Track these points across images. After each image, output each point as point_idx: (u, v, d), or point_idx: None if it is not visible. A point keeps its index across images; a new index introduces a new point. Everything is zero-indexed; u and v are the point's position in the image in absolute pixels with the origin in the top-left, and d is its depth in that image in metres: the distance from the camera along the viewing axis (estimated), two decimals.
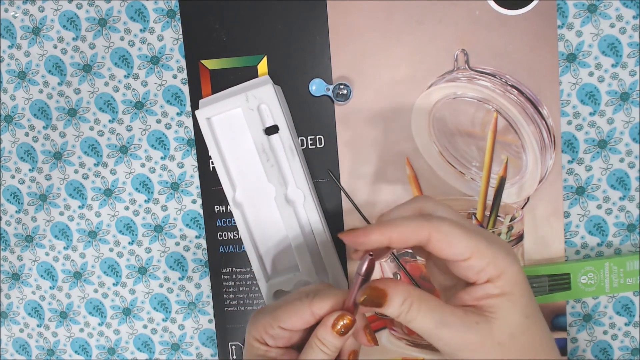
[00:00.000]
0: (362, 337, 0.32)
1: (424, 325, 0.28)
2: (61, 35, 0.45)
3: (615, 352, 0.44)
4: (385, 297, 0.28)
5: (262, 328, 0.32)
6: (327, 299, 0.31)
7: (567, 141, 0.42)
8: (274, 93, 0.40)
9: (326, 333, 0.30)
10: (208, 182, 0.44)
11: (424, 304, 0.28)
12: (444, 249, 0.29)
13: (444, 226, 0.29)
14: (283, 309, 0.32)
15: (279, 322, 0.32)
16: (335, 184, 0.43)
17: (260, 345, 0.33)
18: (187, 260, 0.46)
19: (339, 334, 0.30)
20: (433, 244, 0.29)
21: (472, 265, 0.28)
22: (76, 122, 0.46)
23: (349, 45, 0.42)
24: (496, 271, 0.28)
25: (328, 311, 0.31)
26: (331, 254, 0.42)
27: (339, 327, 0.30)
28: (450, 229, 0.28)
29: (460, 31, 0.41)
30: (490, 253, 0.28)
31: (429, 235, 0.29)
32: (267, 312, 0.33)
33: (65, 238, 0.47)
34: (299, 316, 0.31)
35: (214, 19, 0.43)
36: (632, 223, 0.42)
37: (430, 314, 0.28)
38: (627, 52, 0.41)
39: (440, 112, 0.42)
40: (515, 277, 0.28)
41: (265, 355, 0.33)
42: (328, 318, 0.31)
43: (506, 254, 0.29)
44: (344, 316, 0.30)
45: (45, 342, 0.49)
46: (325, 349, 0.30)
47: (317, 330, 0.31)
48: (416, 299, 0.28)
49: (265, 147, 0.40)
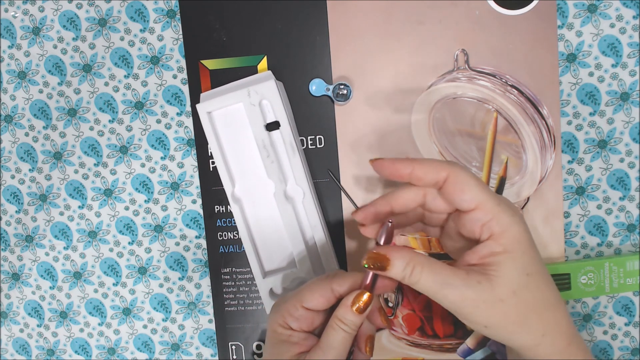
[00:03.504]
0: (377, 319, 0.34)
1: (427, 286, 0.30)
2: (61, 35, 0.45)
3: (615, 352, 0.44)
4: (388, 262, 0.30)
5: (285, 312, 0.34)
6: (346, 276, 0.33)
7: (567, 141, 0.42)
8: (276, 89, 0.40)
9: (346, 312, 0.32)
10: (208, 182, 0.44)
11: (426, 267, 0.30)
12: (455, 193, 0.31)
13: (462, 173, 0.31)
14: (305, 289, 0.34)
15: (302, 302, 0.33)
16: (335, 184, 0.43)
17: (283, 330, 0.34)
18: (187, 260, 0.46)
19: (358, 311, 0.32)
20: (447, 186, 0.31)
21: (477, 218, 0.30)
22: (76, 122, 0.46)
23: (349, 45, 0.42)
24: (499, 228, 0.30)
25: (347, 289, 0.33)
26: (328, 251, 0.42)
27: (359, 304, 0.32)
28: (466, 177, 0.31)
29: (460, 31, 0.41)
30: (496, 210, 0.30)
31: (447, 177, 0.31)
32: (290, 296, 0.34)
33: (65, 238, 0.47)
34: (320, 294, 0.33)
35: (214, 19, 0.43)
36: (632, 223, 0.42)
37: (433, 276, 0.30)
38: (627, 52, 0.41)
39: (440, 112, 0.42)
40: (518, 236, 0.30)
41: (289, 339, 0.34)
42: (347, 298, 0.32)
43: (512, 214, 0.30)
44: (362, 294, 0.32)
45: (45, 342, 0.49)
46: (345, 327, 0.32)
47: (336, 310, 0.32)
48: (418, 262, 0.30)
49: (265, 142, 0.40)
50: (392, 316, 0.43)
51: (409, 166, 0.32)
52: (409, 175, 0.32)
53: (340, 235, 0.43)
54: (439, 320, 0.43)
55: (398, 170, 0.33)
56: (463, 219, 0.31)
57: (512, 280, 0.29)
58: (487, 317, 0.29)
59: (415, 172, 0.32)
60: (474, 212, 0.30)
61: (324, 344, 0.32)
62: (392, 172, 0.33)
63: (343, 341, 0.32)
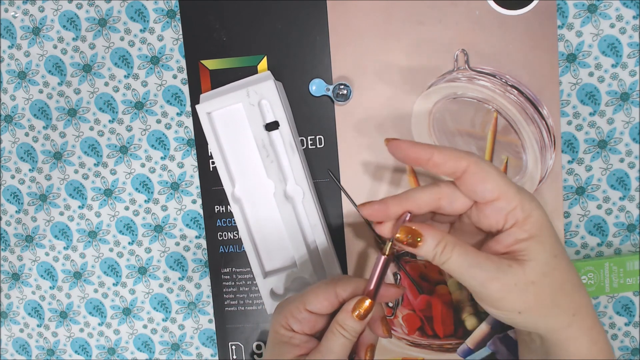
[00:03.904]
0: (378, 328, 0.34)
1: (457, 265, 0.30)
2: (61, 36, 0.45)
3: (615, 352, 0.44)
4: (422, 237, 0.30)
5: (289, 313, 0.34)
6: (350, 281, 0.33)
7: (567, 141, 0.42)
8: (275, 89, 0.40)
9: (346, 318, 0.32)
10: (208, 182, 0.44)
11: (457, 247, 0.30)
12: (477, 184, 0.30)
13: (483, 163, 0.30)
14: (309, 292, 0.34)
15: (305, 305, 0.33)
16: (335, 184, 0.43)
17: (286, 331, 0.34)
18: (187, 260, 0.46)
19: (359, 317, 0.32)
20: (467, 177, 0.30)
21: (501, 207, 0.30)
22: (76, 122, 0.46)
23: (349, 45, 0.42)
24: (523, 214, 0.30)
25: (351, 293, 0.33)
26: (329, 251, 0.42)
27: (358, 311, 0.32)
28: (487, 167, 0.30)
29: (460, 31, 0.41)
30: (518, 197, 0.30)
31: (467, 167, 0.30)
32: (293, 298, 0.34)
33: (65, 238, 0.47)
34: (324, 297, 0.33)
35: (214, 19, 0.43)
36: (632, 223, 0.42)
37: (464, 256, 0.30)
38: (627, 52, 0.41)
39: (440, 112, 0.42)
40: (541, 220, 0.30)
41: (290, 341, 0.34)
42: (348, 303, 0.32)
43: (531, 199, 0.30)
44: (363, 300, 0.32)
45: (45, 342, 0.49)
46: (345, 333, 0.32)
47: (337, 315, 0.32)
48: (450, 241, 0.30)
49: (265, 142, 0.40)
50: (392, 316, 0.43)
51: (429, 152, 0.31)
52: (427, 161, 0.31)
53: (340, 235, 0.43)
54: (439, 320, 0.43)
55: (417, 154, 0.31)
56: (485, 210, 0.31)
57: (542, 263, 0.29)
58: (522, 301, 0.29)
59: (434, 158, 0.31)
60: (497, 201, 0.30)
61: (323, 348, 0.32)
62: (409, 156, 0.32)
63: (342, 347, 0.32)
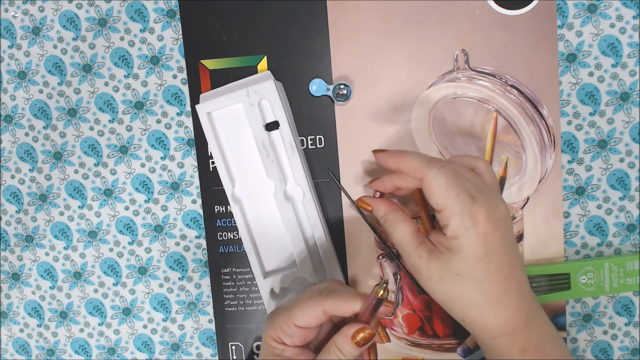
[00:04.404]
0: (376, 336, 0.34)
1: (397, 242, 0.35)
2: (61, 35, 0.45)
3: (615, 352, 0.44)
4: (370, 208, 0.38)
5: (278, 327, 0.34)
6: (339, 297, 0.33)
7: (567, 141, 0.42)
8: (275, 89, 0.40)
9: (345, 343, 0.32)
10: (208, 182, 0.44)
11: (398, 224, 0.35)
12: (427, 195, 0.33)
13: (433, 178, 0.32)
14: (297, 307, 0.33)
15: (293, 320, 0.33)
16: (335, 184, 0.43)
17: (277, 344, 0.34)
18: (187, 260, 0.46)
19: (358, 345, 0.32)
20: (423, 187, 0.34)
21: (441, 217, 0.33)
22: (76, 122, 0.46)
23: (349, 45, 0.42)
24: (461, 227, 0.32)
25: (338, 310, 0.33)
26: (329, 251, 0.42)
27: (358, 338, 0.32)
28: (435, 180, 0.32)
29: (460, 31, 0.41)
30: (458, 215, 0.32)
31: (422, 179, 0.33)
32: (282, 311, 0.34)
33: (65, 238, 0.47)
34: (311, 314, 0.33)
35: (214, 19, 0.43)
36: (632, 223, 0.42)
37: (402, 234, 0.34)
38: (627, 52, 0.41)
39: (440, 112, 0.42)
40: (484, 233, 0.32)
41: (282, 354, 0.34)
42: (348, 328, 0.32)
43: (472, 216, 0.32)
44: (364, 329, 0.32)
45: (45, 342, 0.49)
46: (342, 356, 0.32)
47: (336, 338, 0.33)
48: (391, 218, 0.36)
49: (265, 142, 0.40)
50: (392, 316, 0.43)
51: (396, 162, 0.35)
52: (398, 171, 0.36)
53: (340, 235, 0.43)
54: (439, 320, 0.43)
55: (389, 165, 0.36)
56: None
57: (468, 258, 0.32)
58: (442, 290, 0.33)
59: (401, 169, 0.35)
60: (439, 213, 0.33)
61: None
62: (388, 166, 0.36)
63: None
